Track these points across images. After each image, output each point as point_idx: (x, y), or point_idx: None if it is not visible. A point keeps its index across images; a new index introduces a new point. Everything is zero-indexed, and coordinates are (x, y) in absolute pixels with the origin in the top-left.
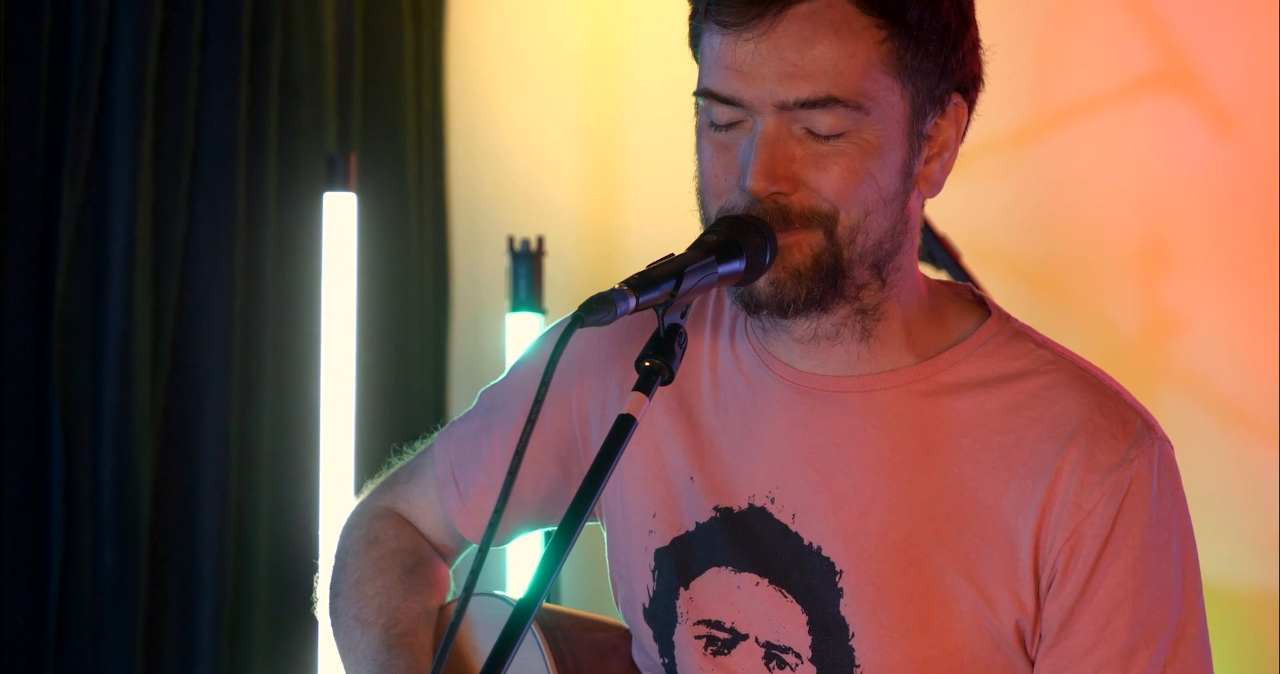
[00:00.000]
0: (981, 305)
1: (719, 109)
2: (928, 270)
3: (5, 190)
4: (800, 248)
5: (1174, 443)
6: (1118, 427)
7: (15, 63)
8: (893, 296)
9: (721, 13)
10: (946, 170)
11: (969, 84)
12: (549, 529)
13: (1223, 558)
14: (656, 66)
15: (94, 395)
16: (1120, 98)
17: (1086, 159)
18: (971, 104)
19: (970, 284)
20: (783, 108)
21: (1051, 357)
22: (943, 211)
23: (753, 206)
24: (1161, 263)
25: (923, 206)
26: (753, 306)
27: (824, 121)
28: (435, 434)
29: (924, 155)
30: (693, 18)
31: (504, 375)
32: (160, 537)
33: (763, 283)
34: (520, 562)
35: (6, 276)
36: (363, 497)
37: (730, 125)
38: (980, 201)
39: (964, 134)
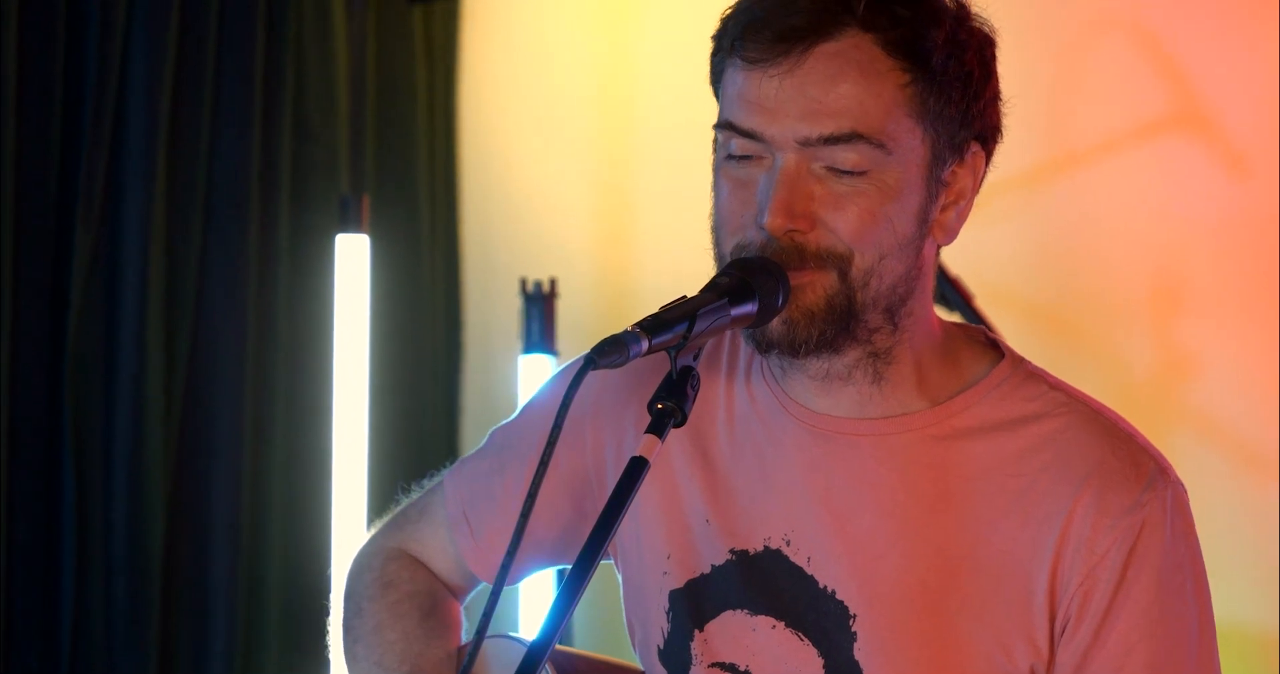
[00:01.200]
0: (994, 348)
1: (738, 141)
2: (941, 312)
3: (19, 230)
4: (814, 288)
5: (1185, 483)
6: (1131, 470)
7: (29, 103)
8: (904, 341)
9: (747, 49)
10: (962, 219)
11: (988, 134)
12: (562, 568)
13: (1234, 599)
14: (669, 110)
15: (106, 435)
16: (1132, 140)
17: (1099, 200)
18: (989, 155)
19: (983, 327)
20: (805, 144)
21: (1065, 399)
22: (956, 253)
23: (769, 243)
24: (1174, 304)
25: (938, 253)
26: (764, 346)
27: (847, 158)
28: (443, 472)
29: (941, 202)
30: (715, 55)
31: (515, 415)
32: (172, 576)
33: (775, 322)
34: (533, 602)
35: (20, 316)
36: (371, 536)
37: (747, 157)
38: (993, 243)
39: (980, 184)
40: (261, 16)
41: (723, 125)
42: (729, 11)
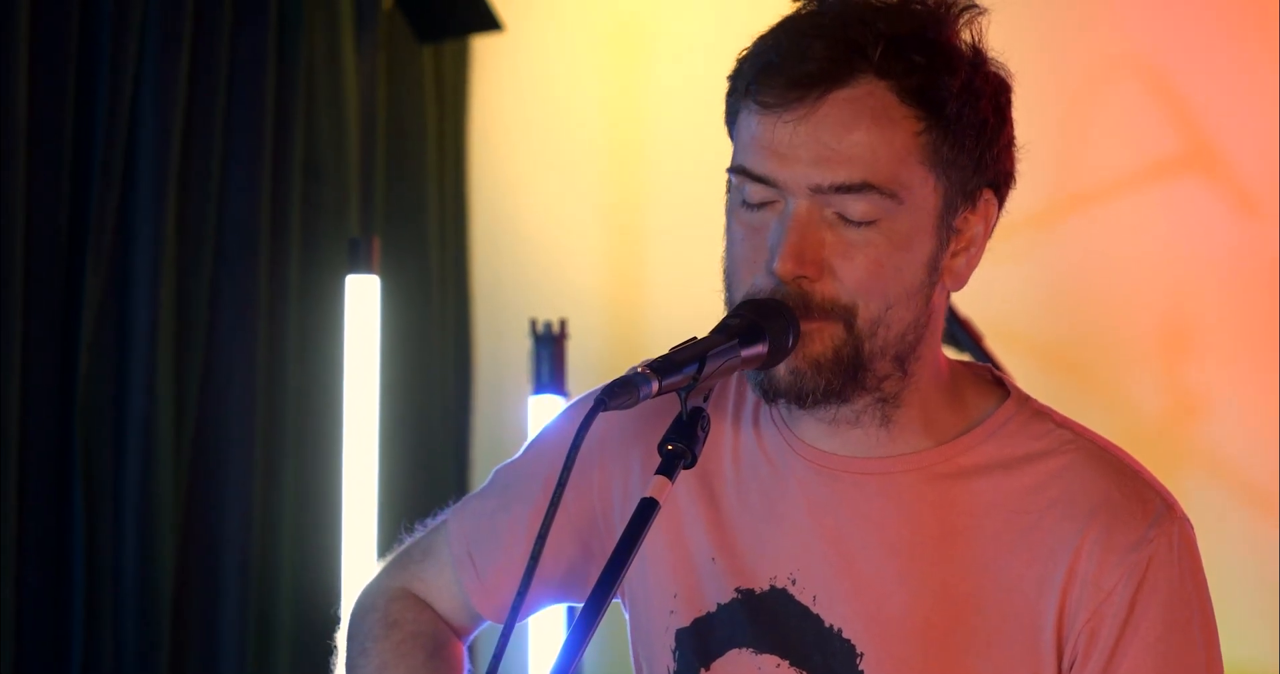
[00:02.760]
0: (1000, 386)
1: (752, 188)
2: (950, 351)
3: (29, 271)
4: (821, 338)
5: (1195, 524)
6: (1137, 506)
7: (39, 143)
8: (913, 385)
9: (762, 93)
10: (972, 265)
11: (1001, 181)
12: (573, 606)
13: (1239, 636)
14: (679, 151)
15: (116, 478)
16: (1142, 180)
17: (1108, 241)
18: (1002, 201)
19: (990, 365)
20: (816, 191)
21: (1071, 436)
22: (965, 293)
23: (777, 289)
24: (1183, 344)
25: (948, 298)
26: (771, 395)
27: (856, 208)
28: (447, 511)
29: (951, 249)
30: (730, 95)
31: (520, 453)
32: (182, 620)
33: (782, 371)
34: (543, 643)
35: (29, 358)
36: (375, 575)
37: (762, 205)
38: (1002, 283)
39: (992, 230)
40: (272, 57)
41: (736, 169)
42: (745, 53)
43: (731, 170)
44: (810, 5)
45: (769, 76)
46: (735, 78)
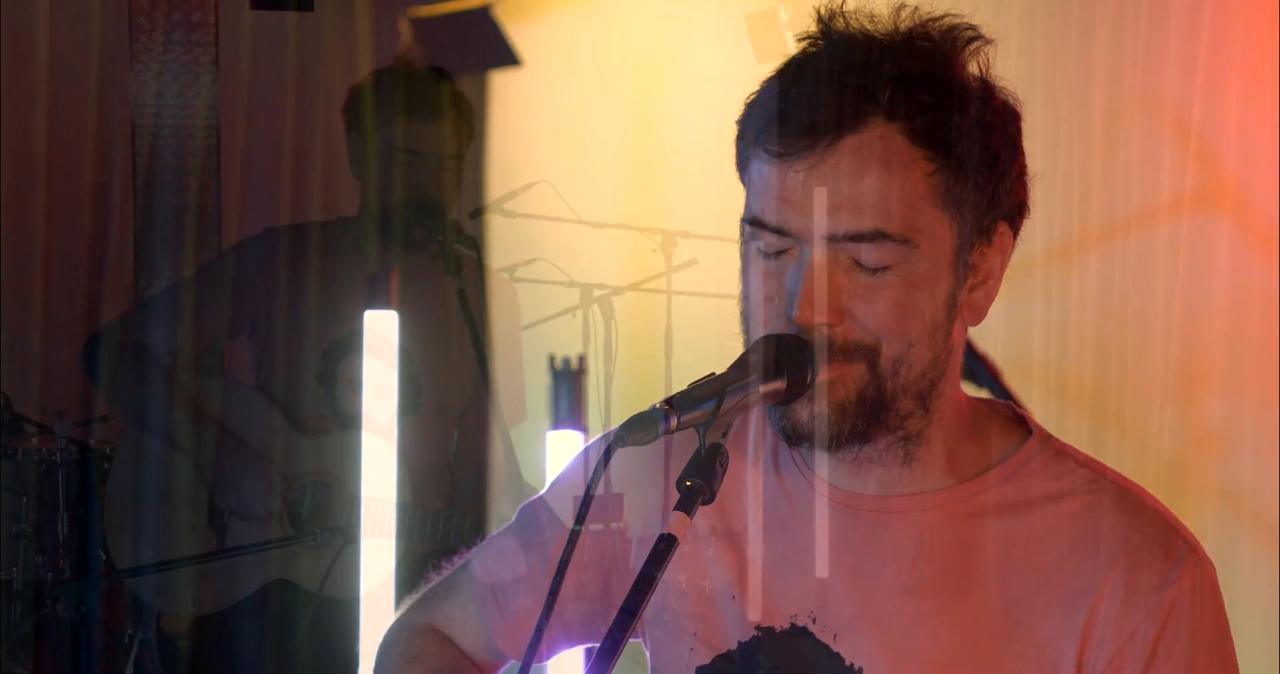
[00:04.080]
0: (1022, 424)
1: (767, 238)
2: (968, 387)
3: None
4: (844, 383)
5: (1214, 562)
6: (1159, 548)
7: (59, 176)
8: (935, 422)
9: (772, 142)
10: (990, 298)
11: (1015, 212)
12: (591, 646)
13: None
14: (698, 184)
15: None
16: (1160, 218)
17: (1126, 277)
18: (1016, 231)
19: (1011, 402)
20: (831, 239)
21: (1093, 476)
22: (984, 329)
23: (799, 334)
24: (1199, 380)
25: (966, 332)
26: (794, 440)
27: (871, 255)
28: (473, 549)
29: (969, 284)
30: (740, 140)
31: (543, 491)
32: (200, 660)
33: (806, 417)
34: None
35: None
36: (400, 612)
37: (779, 253)
38: (1022, 319)
39: (1008, 261)
40: (291, 89)
41: (750, 221)
42: (752, 97)
43: (746, 221)
44: (813, 46)
45: (780, 124)
46: (744, 123)
